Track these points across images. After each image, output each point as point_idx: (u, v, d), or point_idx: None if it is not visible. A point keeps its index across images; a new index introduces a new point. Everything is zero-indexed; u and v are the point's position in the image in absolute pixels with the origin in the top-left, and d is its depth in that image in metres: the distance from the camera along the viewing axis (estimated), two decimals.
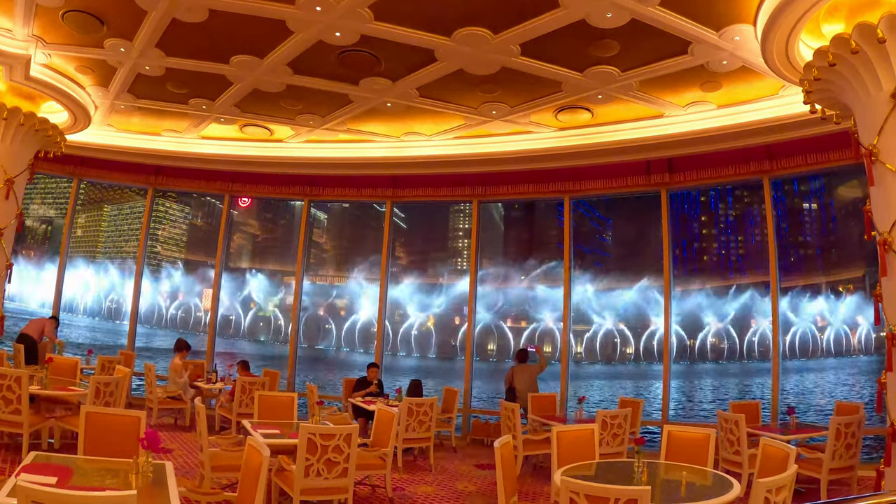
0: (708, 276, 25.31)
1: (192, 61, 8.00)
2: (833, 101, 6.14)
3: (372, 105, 9.15)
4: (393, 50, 7.31)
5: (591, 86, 8.06)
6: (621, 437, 7.32)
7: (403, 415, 7.88)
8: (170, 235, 27.86)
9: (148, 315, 23.99)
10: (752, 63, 7.03)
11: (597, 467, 5.02)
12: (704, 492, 4.39)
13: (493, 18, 6.60)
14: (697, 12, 6.20)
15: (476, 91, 8.46)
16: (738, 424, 6.97)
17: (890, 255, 5.42)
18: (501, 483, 4.49)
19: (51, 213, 27.64)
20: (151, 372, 9.76)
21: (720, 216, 25.73)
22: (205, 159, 11.67)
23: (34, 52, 7.69)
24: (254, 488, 3.88)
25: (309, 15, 6.58)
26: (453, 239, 26.24)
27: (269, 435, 5.64)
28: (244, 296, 22.93)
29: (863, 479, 6.85)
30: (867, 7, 5.38)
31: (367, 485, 6.85)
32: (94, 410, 4.82)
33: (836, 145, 8.16)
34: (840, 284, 19.42)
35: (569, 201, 10.93)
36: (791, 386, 18.81)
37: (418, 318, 23.24)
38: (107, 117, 10.30)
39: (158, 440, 3.75)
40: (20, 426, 6.45)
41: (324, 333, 23.21)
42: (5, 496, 2.97)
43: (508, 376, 9.83)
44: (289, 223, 24.12)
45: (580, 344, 24.01)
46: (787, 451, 4.38)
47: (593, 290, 22.92)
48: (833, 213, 17.96)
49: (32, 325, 10.38)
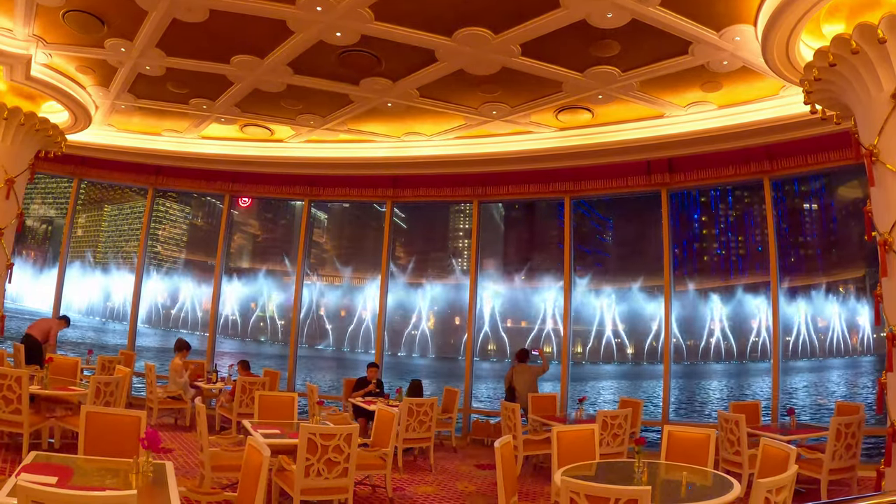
0: (708, 276, 25.30)
1: (192, 61, 8.00)
2: (833, 101, 6.14)
3: (372, 105, 9.15)
4: (393, 50, 7.31)
5: (591, 86, 8.06)
6: (621, 438, 7.32)
7: (404, 415, 7.88)
8: (170, 235, 27.88)
9: (147, 315, 23.99)
10: (753, 63, 7.03)
11: (597, 467, 5.02)
12: (705, 492, 4.39)
13: (493, 18, 6.60)
14: (698, 12, 6.20)
15: (476, 91, 8.46)
16: (739, 425, 6.97)
17: (890, 255, 5.42)
18: (502, 483, 4.49)
19: (51, 213, 27.65)
20: (152, 372, 9.76)
21: (720, 216, 25.72)
22: (205, 159, 11.67)
23: (35, 51, 7.69)
24: (254, 488, 3.88)
25: (309, 15, 6.58)
26: (453, 239, 26.21)
27: (269, 435, 5.65)
28: (244, 296, 22.92)
29: (863, 479, 6.85)
30: (867, 7, 5.38)
31: (368, 485, 6.85)
32: (94, 410, 4.82)
33: (837, 145, 8.16)
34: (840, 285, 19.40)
35: (569, 201, 10.93)
36: (791, 386, 18.80)
37: (418, 318, 23.24)
38: (107, 117, 10.30)
39: (159, 440, 3.75)
40: (20, 426, 6.46)
41: (323, 333, 23.20)
42: (5, 496, 2.97)
43: (508, 376, 9.81)
44: (289, 223, 24.12)
45: (580, 344, 24.00)
46: (788, 452, 4.38)
47: (593, 290, 22.89)
48: (833, 214, 17.94)
49: (39, 325, 10.10)
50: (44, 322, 10.28)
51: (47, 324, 10.19)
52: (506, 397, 9.62)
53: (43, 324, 10.16)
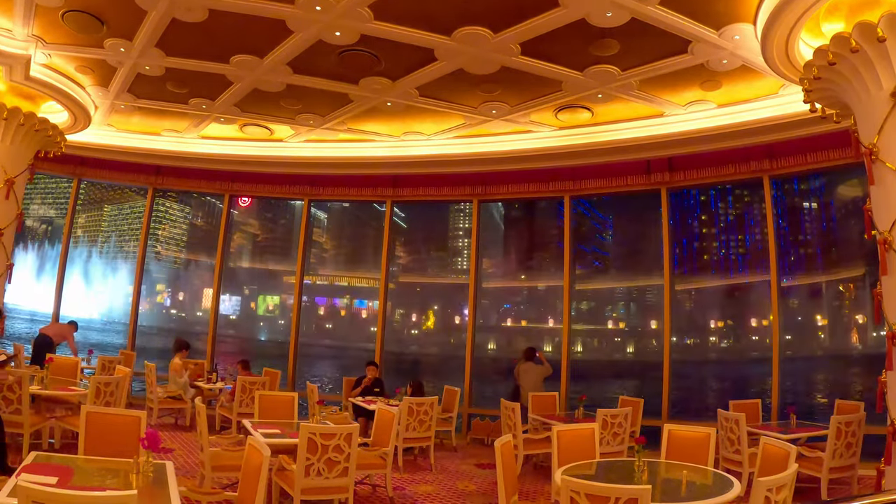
0: (708, 274, 25.30)
1: (192, 61, 8.00)
2: (833, 100, 6.14)
3: (372, 104, 9.15)
4: (393, 49, 7.31)
5: (591, 85, 8.06)
6: (622, 437, 7.32)
7: (404, 414, 7.88)
8: (170, 235, 27.85)
9: (147, 314, 23.97)
10: (752, 62, 7.02)
11: (597, 466, 5.02)
12: (705, 491, 4.39)
13: (493, 18, 6.60)
14: (697, 11, 6.20)
15: (476, 90, 8.45)
16: (739, 423, 6.97)
17: (890, 253, 5.42)
18: (502, 482, 4.49)
19: (51, 213, 27.63)
20: (152, 372, 9.75)
21: (720, 215, 25.73)
22: (205, 159, 11.67)
23: (34, 52, 7.68)
24: (254, 488, 3.88)
25: (309, 14, 6.58)
26: (453, 238, 26.19)
27: (269, 434, 5.64)
28: (244, 295, 22.92)
29: (863, 477, 6.85)
30: (867, 6, 5.37)
31: (368, 484, 6.85)
32: (94, 410, 4.82)
33: (836, 144, 8.16)
34: (840, 283, 19.42)
35: (569, 200, 10.93)
36: (790, 385, 18.81)
37: (418, 318, 23.24)
38: (107, 117, 10.29)
39: (159, 440, 3.75)
40: (21, 426, 6.46)
41: (324, 332, 23.20)
42: (6, 496, 2.97)
43: (515, 371, 9.91)
44: (289, 223, 24.12)
45: (580, 343, 24.00)
46: (788, 450, 4.39)
47: (593, 288, 22.90)
48: (833, 213, 17.95)
49: (53, 327, 10.59)
50: (58, 326, 10.74)
51: (61, 328, 10.64)
52: (510, 394, 9.67)
53: (58, 328, 10.63)
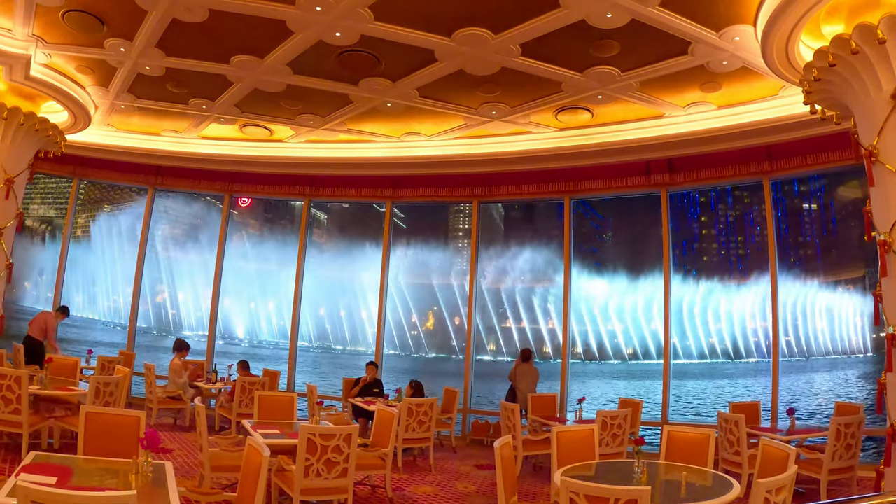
0: (708, 276, 25.31)
1: (192, 61, 8.00)
2: (833, 101, 6.14)
3: (372, 105, 9.15)
4: (393, 50, 7.31)
5: (591, 86, 8.06)
6: (621, 438, 7.31)
7: (403, 415, 7.88)
8: (170, 235, 27.85)
9: (146, 314, 24.00)
10: (753, 63, 7.03)
11: (597, 467, 5.02)
12: (704, 492, 4.38)
13: (493, 18, 6.60)
14: (697, 13, 6.20)
15: (476, 91, 8.46)
16: (738, 425, 6.96)
17: (890, 255, 5.42)
18: (501, 483, 4.49)
19: (51, 213, 27.64)
20: (151, 372, 9.75)
21: (720, 216, 25.76)
22: (205, 159, 11.67)
23: (34, 51, 7.68)
24: (254, 488, 3.88)
25: (309, 15, 6.58)
26: (453, 239, 26.22)
27: (268, 435, 5.64)
28: (244, 295, 22.94)
29: (862, 479, 6.85)
30: (867, 7, 5.38)
31: (367, 485, 6.85)
32: (93, 410, 4.81)
33: (836, 146, 8.16)
34: (840, 285, 19.43)
35: (569, 202, 10.93)
36: (790, 385, 18.82)
37: (418, 318, 23.26)
38: (107, 117, 10.29)
39: (158, 440, 3.74)
40: (20, 426, 6.45)
41: (323, 333, 23.21)
42: (5, 496, 2.97)
43: (511, 374, 9.88)
44: (289, 223, 24.13)
45: (580, 343, 24.01)
46: (787, 452, 4.38)
47: (593, 289, 22.91)
48: (833, 214, 17.97)
49: (36, 321, 9.71)
50: (40, 317, 9.83)
51: (43, 318, 9.77)
52: (507, 397, 9.64)
53: (40, 320, 9.74)
